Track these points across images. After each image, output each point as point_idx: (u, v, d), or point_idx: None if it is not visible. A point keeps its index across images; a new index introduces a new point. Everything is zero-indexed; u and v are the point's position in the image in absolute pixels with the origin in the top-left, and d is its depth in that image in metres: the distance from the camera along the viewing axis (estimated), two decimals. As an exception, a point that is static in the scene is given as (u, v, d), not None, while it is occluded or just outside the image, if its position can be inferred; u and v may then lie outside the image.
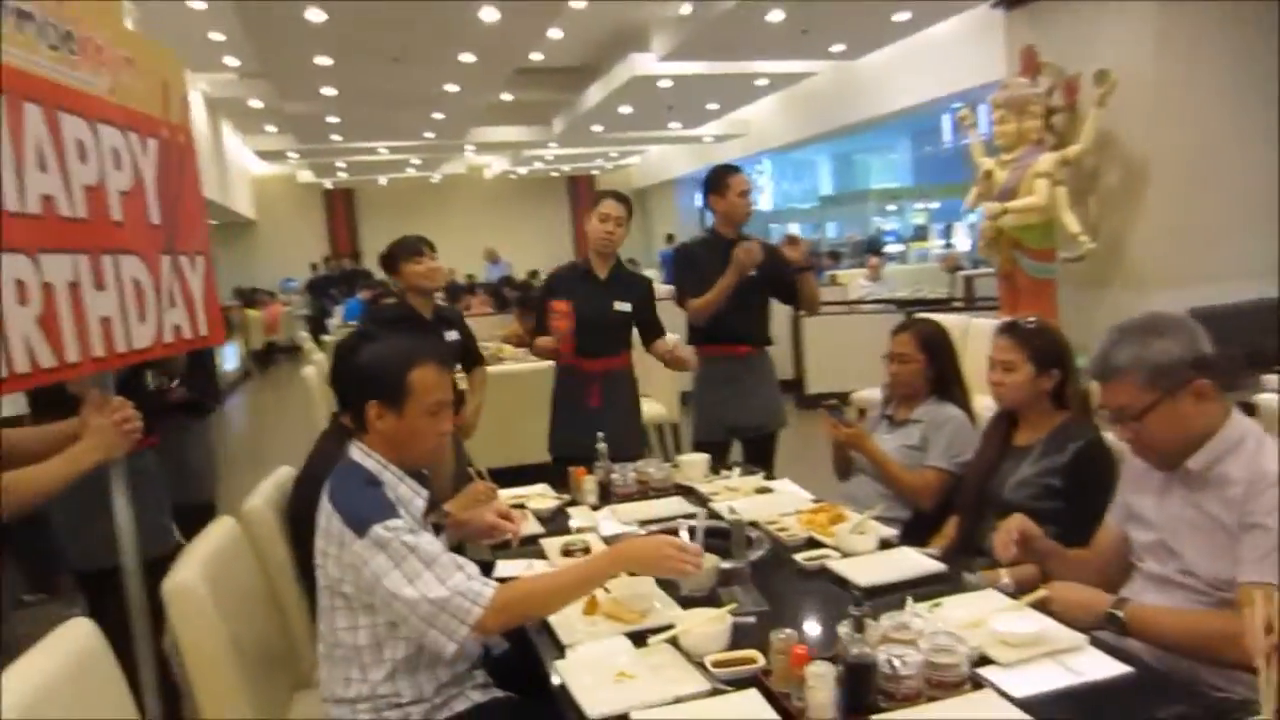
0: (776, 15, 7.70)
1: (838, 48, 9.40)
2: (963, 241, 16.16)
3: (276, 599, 2.22)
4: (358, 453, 1.89)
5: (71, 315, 1.82)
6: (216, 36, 8.73)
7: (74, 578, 2.08)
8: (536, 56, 10.71)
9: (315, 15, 6.74)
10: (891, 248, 17.78)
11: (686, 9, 8.36)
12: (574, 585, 1.80)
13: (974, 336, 5.09)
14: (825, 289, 9.37)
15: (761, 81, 11.39)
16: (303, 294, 15.60)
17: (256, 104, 11.64)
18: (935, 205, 20.23)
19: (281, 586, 2.24)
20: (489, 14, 7.14)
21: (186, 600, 1.76)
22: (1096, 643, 1.59)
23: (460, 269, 15.92)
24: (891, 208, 21.46)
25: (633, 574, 1.91)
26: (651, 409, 5.77)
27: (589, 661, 1.67)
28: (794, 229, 21.93)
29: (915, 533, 2.48)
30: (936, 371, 2.74)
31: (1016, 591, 1.82)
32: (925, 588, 1.87)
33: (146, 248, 2.15)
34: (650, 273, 14.79)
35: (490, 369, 5.49)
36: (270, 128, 14.08)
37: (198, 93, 11.18)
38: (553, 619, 1.85)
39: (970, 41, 8.22)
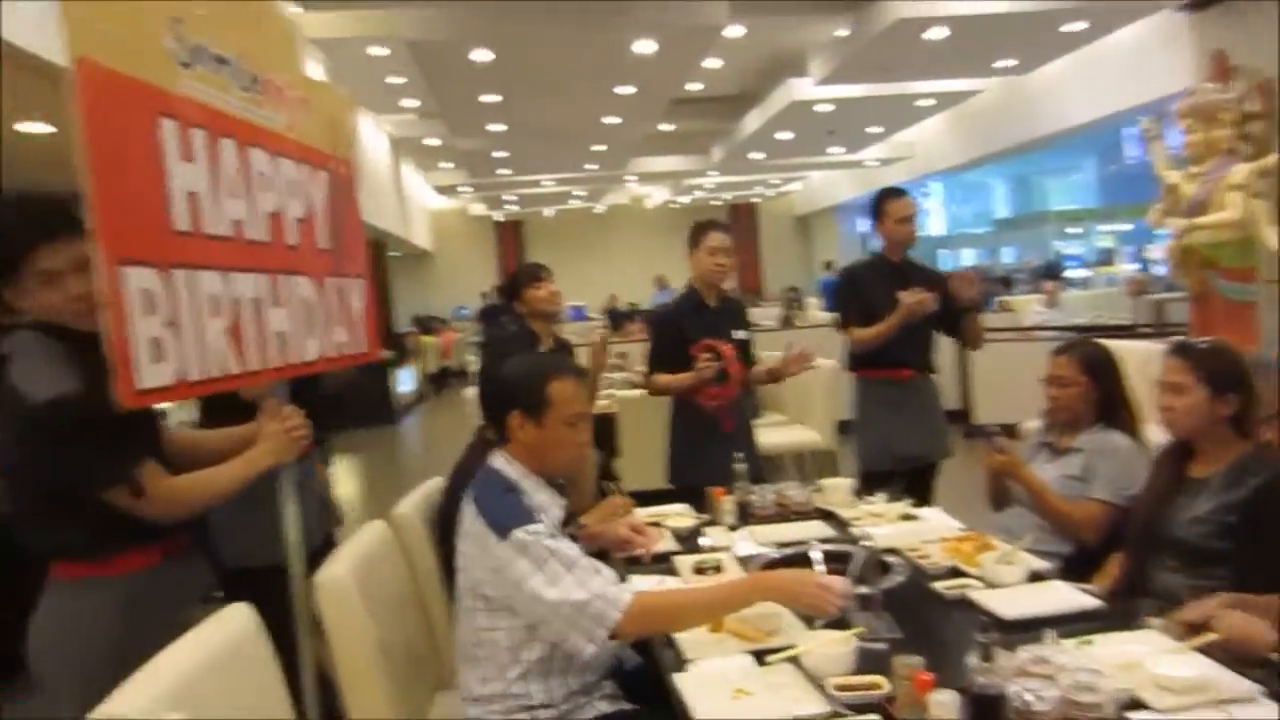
0: (937, 33, 7.47)
1: (1005, 63, 8.99)
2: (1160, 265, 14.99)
3: (422, 602, 2.33)
4: (499, 460, 1.98)
5: (254, 328, 2.00)
6: (396, 80, 9.36)
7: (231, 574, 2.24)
8: (694, 86, 10.84)
9: (482, 55, 7.13)
10: (1074, 273, 16.78)
11: (843, 31, 8.26)
12: (711, 605, 1.83)
13: (1158, 364, 4.71)
14: (995, 315, 8.96)
15: (925, 102, 11.06)
16: (474, 321, 16.37)
17: (433, 141, 12.37)
18: (1126, 227, 18.95)
19: (427, 590, 2.34)
20: (645, 46, 7.32)
21: (336, 593, 1.87)
22: (1275, 696, 1.42)
23: (623, 296, 16.27)
24: (1075, 230, 20.26)
25: None
26: (805, 435, 5.68)
27: (709, 676, 1.66)
28: (966, 254, 21.12)
29: (1076, 569, 2.29)
30: (1101, 395, 2.56)
31: (1182, 632, 1.66)
32: (1076, 624, 1.74)
33: (316, 270, 2.33)
34: (811, 300, 14.63)
35: (638, 392, 5.63)
36: (445, 164, 14.90)
37: (383, 134, 12.01)
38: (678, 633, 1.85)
39: (1154, 49, 7.67)
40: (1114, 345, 2.75)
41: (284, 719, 1.63)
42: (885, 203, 3.56)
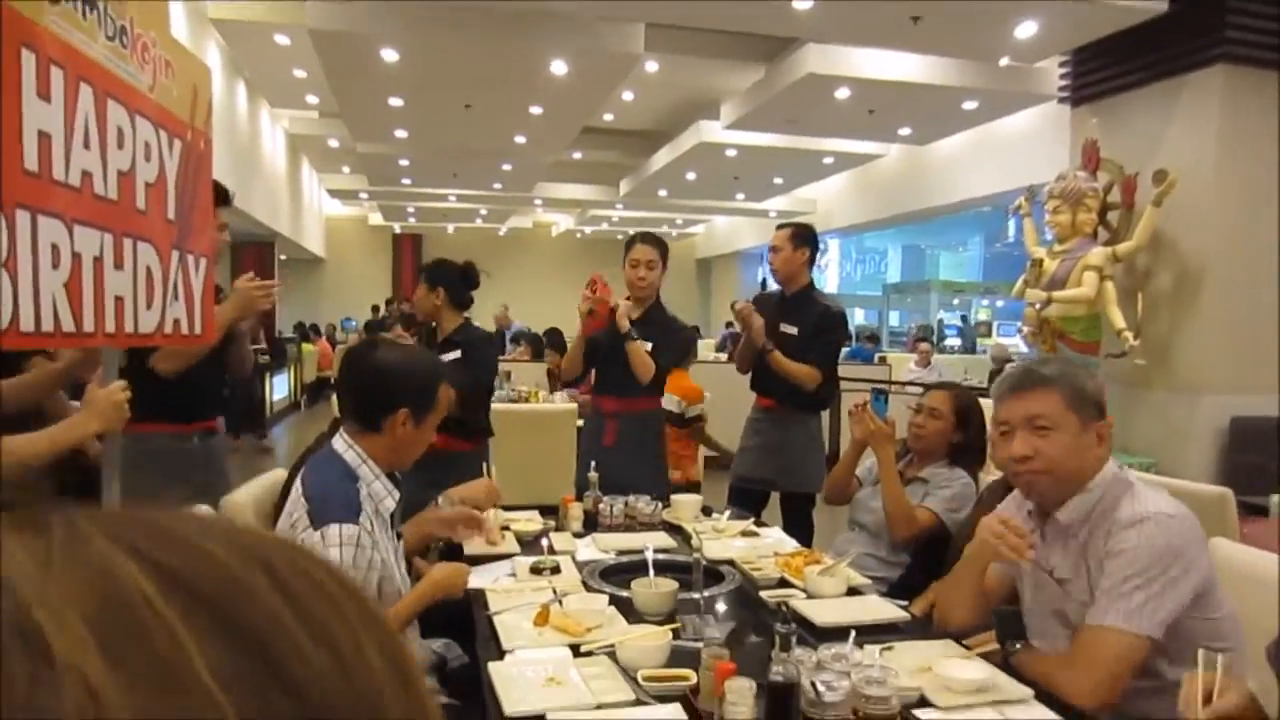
0: (844, 92, 7.78)
1: (905, 131, 9.43)
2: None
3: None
4: (340, 443, 1.91)
5: (93, 288, 1.90)
6: (299, 73, 9.12)
7: None
8: (608, 117, 10.95)
9: (389, 55, 6.96)
10: (953, 340, 17.65)
11: (756, 79, 8.50)
12: (408, 610, 1.87)
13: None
14: (872, 368, 9.31)
15: (828, 160, 11.46)
16: (359, 334, 15.95)
17: (334, 143, 12.08)
18: (1000, 303, 20.07)
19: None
20: (559, 68, 7.34)
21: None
22: (1043, 698, 1.51)
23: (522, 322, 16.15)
24: (956, 302, 21.34)
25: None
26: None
27: (524, 664, 1.65)
28: (858, 314, 21.92)
29: (898, 594, 2.40)
30: (962, 439, 2.69)
31: (970, 640, 1.74)
32: (883, 634, 1.80)
33: (161, 239, 2.23)
34: (706, 342, 14.87)
35: (519, 407, 5.64)
36: (345, 168, 14.54)
37: (280, 129, 11.67)
38: (499, 625, 1.84)
39: (1041, 136, 8.19)
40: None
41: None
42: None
